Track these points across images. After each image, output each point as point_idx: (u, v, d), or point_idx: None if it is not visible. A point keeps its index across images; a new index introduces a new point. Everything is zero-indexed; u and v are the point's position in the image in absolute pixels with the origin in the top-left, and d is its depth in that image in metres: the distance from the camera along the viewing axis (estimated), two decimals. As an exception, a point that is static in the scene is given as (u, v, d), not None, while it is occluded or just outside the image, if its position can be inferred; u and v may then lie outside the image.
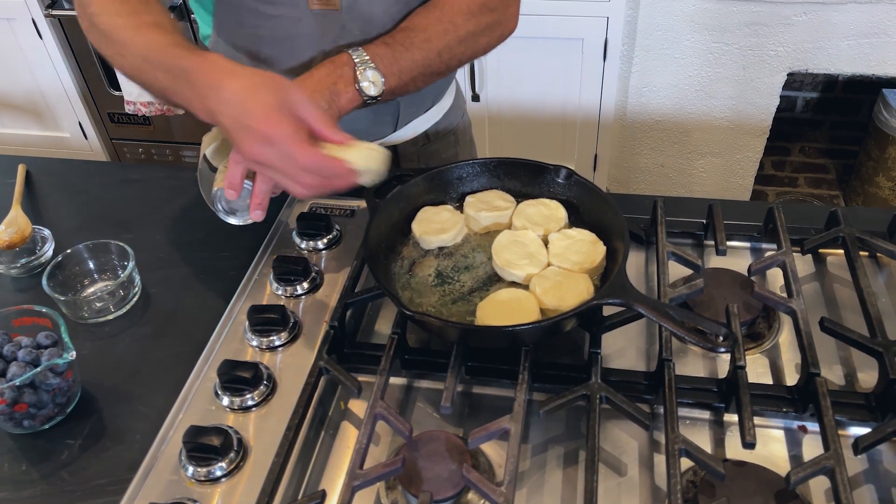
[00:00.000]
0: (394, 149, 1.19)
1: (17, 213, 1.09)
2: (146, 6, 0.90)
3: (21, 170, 1.22)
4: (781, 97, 2.34)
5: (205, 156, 0.93)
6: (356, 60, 0.93)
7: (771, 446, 0.76)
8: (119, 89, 2.50)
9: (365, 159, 0.82)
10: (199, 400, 0.83)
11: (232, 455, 0.76)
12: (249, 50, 1.06)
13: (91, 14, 0.90)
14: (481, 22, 1.01)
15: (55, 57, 2.54)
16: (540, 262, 0.87)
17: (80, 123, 2.73)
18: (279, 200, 1.12)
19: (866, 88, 2.78)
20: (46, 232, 1.08)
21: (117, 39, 0.88)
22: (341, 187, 0.82)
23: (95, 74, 2.59)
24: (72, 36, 2.50)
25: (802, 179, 2.82)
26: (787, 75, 2.26)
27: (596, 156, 2.45)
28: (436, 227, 0.92)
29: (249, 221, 0.89)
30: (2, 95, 2.73)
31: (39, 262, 1.04)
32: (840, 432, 0.75)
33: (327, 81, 0.91)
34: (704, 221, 0.99)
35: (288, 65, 1.05)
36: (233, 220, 0.92)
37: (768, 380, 0.83)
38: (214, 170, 0.91)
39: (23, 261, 1.04)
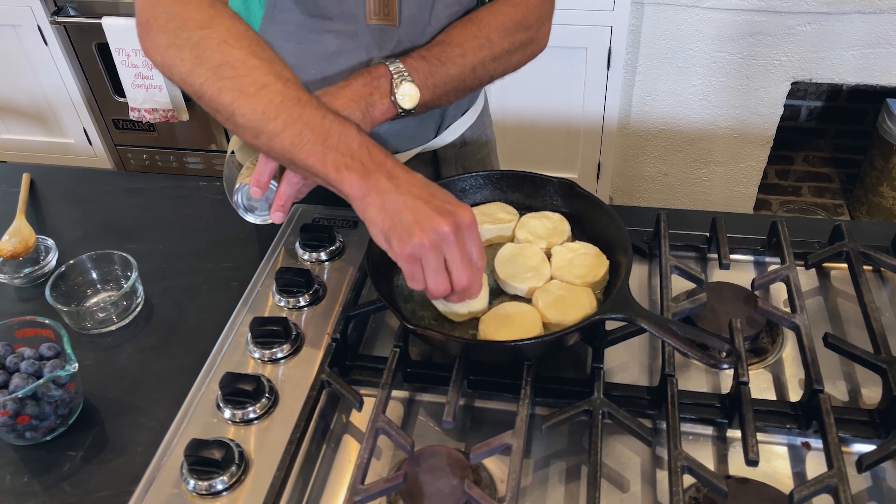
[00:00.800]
0: (434, 154, 1.19)
1: (21, 223, 1.09)
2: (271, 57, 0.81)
3: (25, 179, 1.23)
4: (785, 106, 2.34)
5: (233, 151, 0.93)
6: (393, 72, 0.92)
7: (774, 463, 0.76)
8: (124, 96, 2.51)
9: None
10: (200, 412, 0.83)
11: (233, 469, 0.76)
12: (297, 66, 0.95)
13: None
14: (516, 39, 1.01)
15: (60, 63, 2.55)
16: (542, 275, 0.87)
17: (84, 130, 2.74)
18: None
19: (870, 98, 2.77)
20: (50, 242, 1.08)
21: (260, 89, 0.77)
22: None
23: (100, 81, 2.59)
24: (77, 43, 2.51)
25: (806, 188, 2.81)
26: (791, 84, 2.26)
27: (599, 164, 2.45)
28: (439, 239, 0.92)
29: (268, 221, 0.88)
30: (7, 102, 2.74)
31: (43, 272, 1.05)
32: (844, 449, 0.75)
33: (364, 91, 0.90)
34: (708, 234, 0.99)
35: (335, 81, 0.98)
36: (251, 218, 0.91)
37: (771, 395, 0.82)
38: (240, 166, 0.91)
39: (26, 271, 1.04)
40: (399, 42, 1.00)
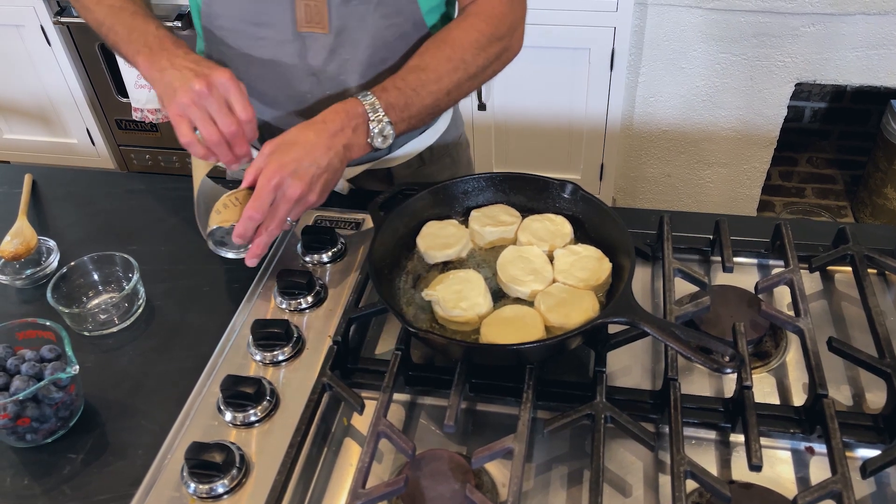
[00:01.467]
0: (388, 171, 1.19)
1: (22, 224, 1.09)
2: None
3: (27, 180, 1.22)
4: (789, 107, 2.33)
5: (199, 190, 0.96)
6: (370, 115, 0.92)
7: (778, 468, 0.75)
8: (127, 96, 2.51)
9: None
10: (201, 415, 0.83)
11: (234, 472, 0.75)
12: (237, 69, 1.04)
13: None
14: (490, 54, 1.01)
15: (63, 64, 2.55)
16: (545, 278, 0.86)
17: (87, 130, 2.74)
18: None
19: (874, 99, 2.76)
20: (52, 243, 1.08)
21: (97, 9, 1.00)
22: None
23: (103, 81, 2.60)
24: (80, 43, 2.51)
25: (810, 190, 2.81)
26: (795, 86, 2.25)
27: (602, 165, 2.45)
28: (441, 241, 0.92)
29: (242, 256, 0.91)
30: (10, 102, 2.74)
31: (44, 273, 1.04)
32: (848, 454, 0.74)
33: (342, 136, 0.91)
34: (711, 237, 0.99)
35: (275, 86, 1.06)
36: (223, 252, 0.93)
37: (775, 400, 0.82)
38: (208, 210, 0.93)
39: (28, 272, 1.04)
40: (332, 51, 1.01)
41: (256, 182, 0.87)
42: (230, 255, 0.93)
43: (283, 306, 0.95)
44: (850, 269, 0.94)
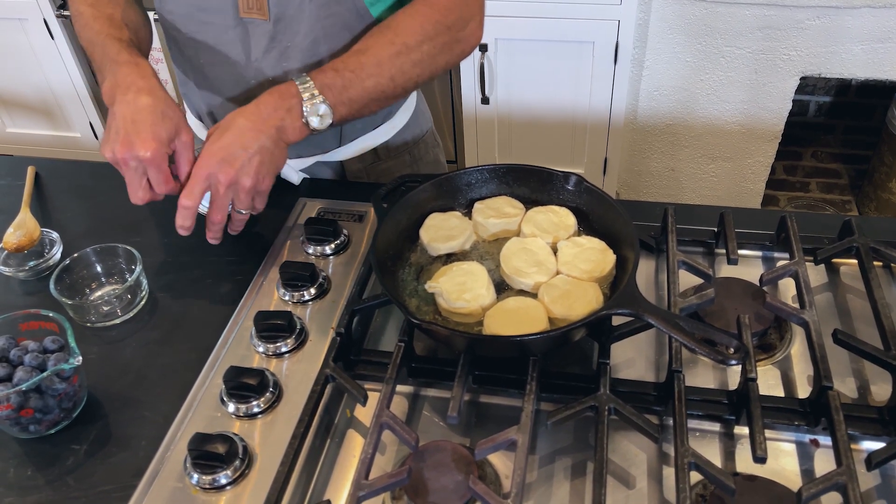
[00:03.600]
0: (339, 164, 1.19)
1: (25, 216, 1.09)
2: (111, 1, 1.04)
3: (30, 172, 1.22)
4: (794, 101, 2.33)
5: None
6: (304, 94, 0.92)
7: (782, 460, 0.75)
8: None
9: None
10: (204, 406, 0.83)
11: (237, 463, 0.75)
12: (189, 56, 1.09)
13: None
14: (438, 43, 1.00)
15: (66, 57, 2.55)
16: (549, 270, 0.86)
17: (90, 123, 2.74)
18: (286, 207, 1.12)
19: (880, 93, 2.75)
20: (55, 235, 1.08)
21: (79, 21, 1.05)
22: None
23: (106, 75, 2.59)
24: (83, 36, 2.51)
25: (814, 184, 2.80)
26: (800, 79, 2.24)
27: (606, 159, 2.44)
28: (444, 233, 0.91)
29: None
30: (13, 95, 2.74)
31: (47, 265, 1.04)
32: (853, 446, 0.74)
33: (275, 118, 0.92)
34: (716, 230, 0.98)
35: (223, 73, 1.07)
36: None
37: (780, 392, 0.82)
38: None
39: (31, 264, 1.04)
40: (272, 37, 1.02)
41: None
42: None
43: (286, 298, 0.95)
44: (855, 261, 0.93)
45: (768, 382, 0.82)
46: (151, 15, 1.16)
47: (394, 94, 1.00)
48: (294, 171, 1.17)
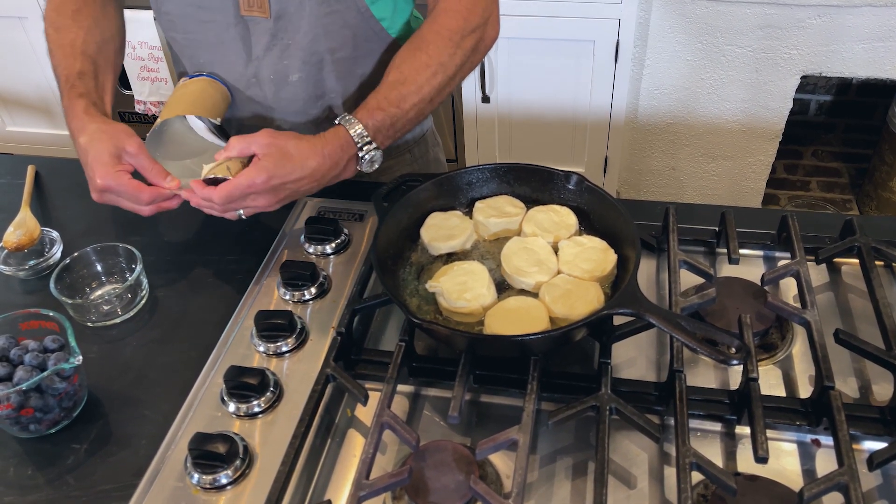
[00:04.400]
0: None
1: (25, 215, 1.09)
2: (74, 21, 1.03)
3: (30, 171, 1.22)
4: (794, 100, 2.32)
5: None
6: (359, 143, 0.93)
7: (783, 460, 0.75)
8: (130, 89, 2.50)
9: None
10: (205, 406, 0.82)
11: (237, 462, 0.75)
12: (190, 55, 1.09)
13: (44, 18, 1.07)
14: (467, 49, 1.00)
15: (66, 56, 2.55)
16: (550, 269, 0.86)
17: (90, 122, 2.74)
18: (287, 206, 1.11)
19: (880, 92, 2.75)
20: (55, 234, 1.08)
21: (47, 46, 1.04)
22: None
23: (106, 73, 2.59)
24: (83, 35, 2.50)
25: (815, 183, 2.79)
26: (801, 78, 2.24)
27: (606, 158, 2.44)
28: (445, 233, 0.91)
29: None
30: (13, 93, 2.74)
31: (48, 264, 1.04)
32: (854, 446, 0.74)
33: (335, 170, 0.93)
34: (717, 229, 0.98)
35: (223, 71, 1.08)
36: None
37: (781, 392, 0.81)
38: None
39: (31, 263, 1.04)
40: (273, 35, 1.02)
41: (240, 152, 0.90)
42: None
43: (287, 297, 0.95)
44: (857, 260, 0.93)
45: (770, 382, 0.82)
46: (151, 14, 1.16)
47: (429, 112, 1.02)
48: None
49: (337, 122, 0.95)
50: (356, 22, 1.03)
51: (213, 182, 0.89)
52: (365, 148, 0.94)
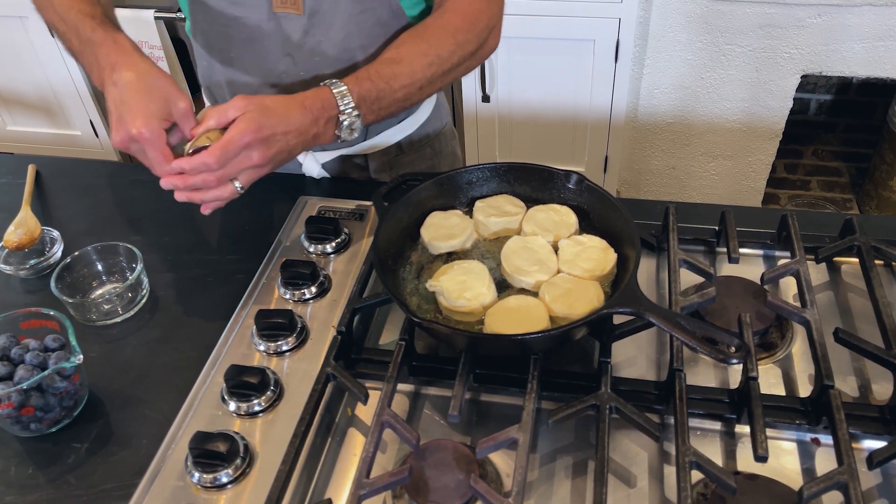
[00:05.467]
0: (363, 158, 1.19)
1: (26, 214, 1.09)
2: None
3: (31, 170, 1.22)
4: (795, 99, 2.32)
5: None
6: (341, 107, 0.92)
7: (783, 459, 0.75)
8: (130, 88, 2.50)
9: None
10: (205, 405, 0.83)
11: (238, 461, 0.75)
12: (220, 49, 1.08)
13: None
14: (466, 51, 1.01)
15: (67, 55, 2.55)
16: (550, 268, 0.86)
17: (91, 122, 2.74)
18: (288, 205, 1.11)
19: (881, 91, 2.75)
20: (56, 233, 1.08)
21: (42, 3, 1.01)
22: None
23: (107, 73, 2.59)
24: (83, 34, 2.50)
25: (815, 183, 2.79)
26: (801, 78, 2.24)
27: (606, 158, 2.44)
28: (445, 232, 0.91)
29: None
30: (14, 93, 2.74)
31: (48, 263, 1.04)
32: (854, 445, 0.74)
33: (316, 126, 0.91)
34: (717, 228, 0.98)
35: (254, 66, 1.07)
36: None
37: (781, 391, 0.82)
38: None
39: (32, 262, 1.04)
40: (306, 32, 1.02)
41: (218, 124, 0.86)
42: None
43: (287, 297, 0.95)
44: (856, 259, 0.93)
45: (769, 381, 0.82)
46: (152, 13, 1.16)
47: (417, 101, 1.02)
48: (317, 164, 1.17)
49: (323, 83, 0.93)
50: (388, 19, 1.03)
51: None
52: (346, 112, 0.92)
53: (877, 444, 0.73)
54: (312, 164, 1.17)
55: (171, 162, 0.86)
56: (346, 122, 0.93)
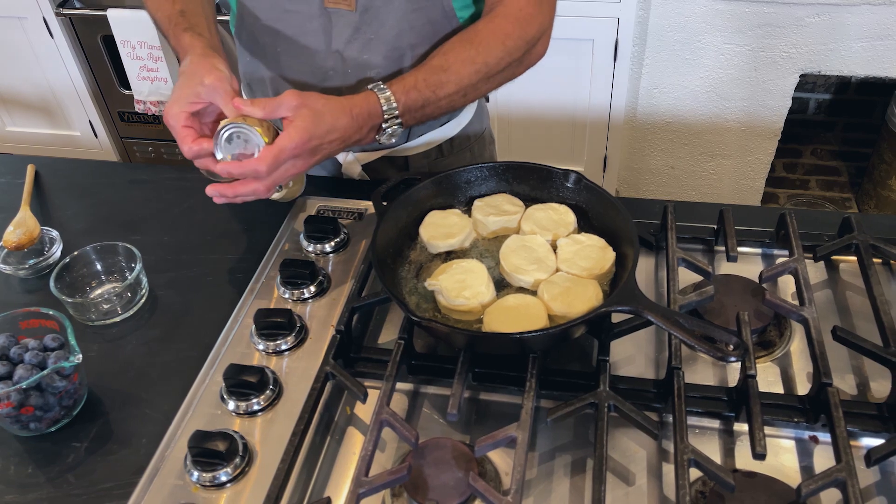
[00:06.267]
0: (404, 159, 1.19)
1: (25, 214, 1.09)
2: None
3: (30, 170, 1.22)
4: (793, 99, 2.32)
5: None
6: (385, 115, 0.92)
7: (781, 457, 0.75)
8: (129, 88, 2.50)
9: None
10: (204, 404, 0.83)
11: (237, 460, 0.75)
12: (266, 43, 1.07)
13: None
14: (514, 57, 1.00)
15: (66, 56, 2.55)
16: (548, 267, 0.86)
17: (90, 122, 2.74)
18: (287, 205, 1.11)
19: (879, 90, 2.75)
20: (55, 233, 1.08)
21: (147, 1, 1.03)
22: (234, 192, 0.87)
23: (106, 73, 2.59)
24: (82, 35, 2.51)
25: (814, 182, 2.80)
26: (800, 77, 2.24)
27: (606, 157, 2.44)
28: (443, 231, 0.91)
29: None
30: (13, 94, 2.74)
31: (47, 263, 1.04)
32: (852, 443, 0.74)
33: (360, 134, 0.91)
34: (715, 227, 0.98)
35: (300, 61, 1.06)
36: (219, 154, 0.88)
37: (779, 389, 0.82)
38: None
39: (31, 262, 1.04)
40: (357, 28, 1.01)
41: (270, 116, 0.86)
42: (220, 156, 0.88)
43: (286, 296, 0.95)
44: (854, 258, 0.93)
45: (768, 379, 0.83)
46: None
47: (459, 107, 1.03)
48: (358, 165, 1.17)
49: (370, 87, 0.93)
50: (438, 18, 1.03)
51: (227, 139, 0.86)
52: (390, 121, 0.93)
53: (875, 441, 0.74)
54: (354, 166, 1.17)
55: (188, 142, 0.86)
56: (388, 130, 0.94)
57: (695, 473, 0.70)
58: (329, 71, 1.05)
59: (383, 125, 0.93)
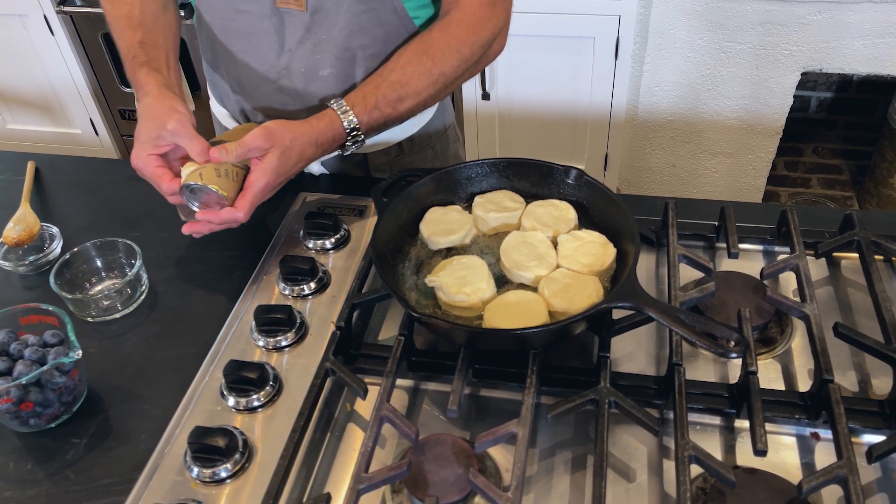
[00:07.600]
0: (363, 157, 1.19)
1: (25, 211, 1.09)
2: None
3: (30, 167, 1.22)
4: (795, 97, 2.32)
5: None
6: (347, 131, 0.97)
7: (782, 453, 0.75)
8: (130, 86, 2.50)
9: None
10: (204, 400, 0.83)
11: (237, 456, 0.75)
12: (222, 42, 1.09)
13: None
14: (471, 62, 1.03)
15: (67, 54, 2.55)
16: (549, 263, 0.86)
17: (91, 120, 2.74)
18: (287, 201, 1.11)
19: (881, 88, 2.75)
20: (55, 229, 1.08)
21: (107, 19, 1.05)
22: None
23: (107, 71, 2.59)
24: (83, 33, 2.50)
25: (815, 180, 2.79)
26: (801, 75, 2.24)
27: (606, 155, 2.44)
28: (444, 227, 0.91)
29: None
30: (14, 92, 2.74)
31: (47, 259, 1.04)
32: (853, 440, 0.74)
33: (322, 154, 0.98)
34: (716, 224, 0.98)
35: (255, 60, 1.07)
36: (192, 205, 0.93)
37: (780, 385, 0.81)
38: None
39: (31, 258, 1.04)
40: (308, 29, 1.02)
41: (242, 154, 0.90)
42: (195, 207, 0.93)
43: (287, 292, 0.95)
44: (856, 255, 0.93)
45: (769, 376, 0.82)
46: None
47: (419, 112, 1.05)
48: (317, 162, 1.18)
49: (332, 105, 0.97)
50: (390, 19, 1.03)
51: (191, 191, 0.90)
52: (351, 139, 0.99)
53: (876, 438, 0.73)
54: (313, 163, 1.17)
55: (164, 182, 0.91)
56: (351, 148, 1.00)
57: (695, 470, 0.69)
58: (282, 70, 1.06)
59: (346, 143, 0.99)
